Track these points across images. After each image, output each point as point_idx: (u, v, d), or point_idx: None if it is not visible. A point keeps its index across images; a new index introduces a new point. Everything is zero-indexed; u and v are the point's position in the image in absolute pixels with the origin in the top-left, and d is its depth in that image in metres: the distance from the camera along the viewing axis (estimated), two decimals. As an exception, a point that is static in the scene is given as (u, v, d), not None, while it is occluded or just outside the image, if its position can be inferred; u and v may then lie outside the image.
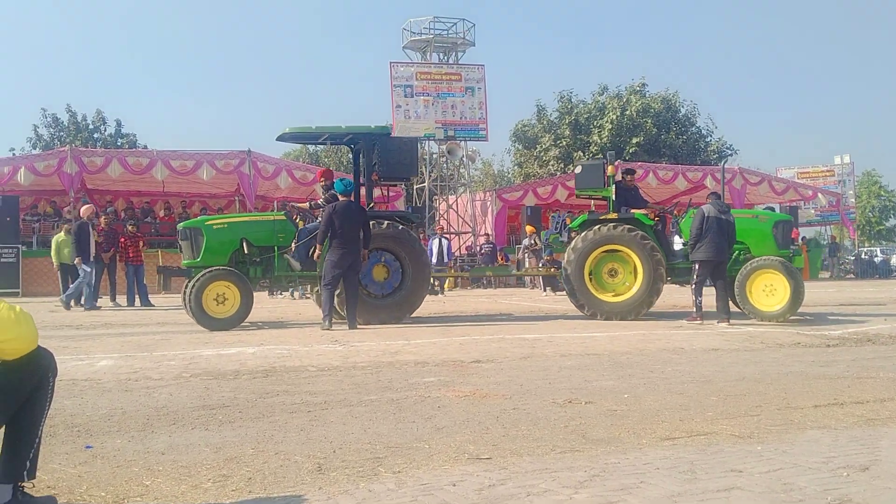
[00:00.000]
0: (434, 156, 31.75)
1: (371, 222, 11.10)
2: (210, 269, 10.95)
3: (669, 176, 30.69)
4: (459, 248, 30.67)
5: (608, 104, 41.51)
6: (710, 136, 43.73)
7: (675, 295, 15.99)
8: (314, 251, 10.95)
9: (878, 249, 43.19)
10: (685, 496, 3.24)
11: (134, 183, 26.40)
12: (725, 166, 36.18)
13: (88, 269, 15.71)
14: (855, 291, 21.07)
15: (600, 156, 32.53)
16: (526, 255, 23.66)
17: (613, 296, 11.97)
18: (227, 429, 4.62)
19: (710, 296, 11.23)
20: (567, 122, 41.61)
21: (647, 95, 42.21)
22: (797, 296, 11.04)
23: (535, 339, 9.27)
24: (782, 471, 3.61)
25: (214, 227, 11.53)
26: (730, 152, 43.76)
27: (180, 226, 11.98)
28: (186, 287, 11.06)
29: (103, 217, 18.86)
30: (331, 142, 12.98)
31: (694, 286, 11.20)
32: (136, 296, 17.25)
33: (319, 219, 11.06)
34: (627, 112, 40.23)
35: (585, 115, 41.68)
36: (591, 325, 11.00)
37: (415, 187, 32.45)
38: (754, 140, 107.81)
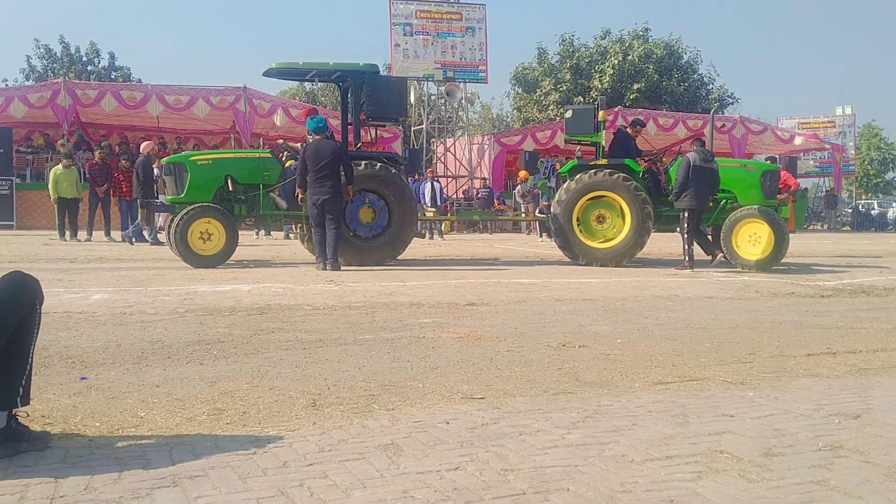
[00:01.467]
0: (432, 97, 31.37)
1: (352, 161, 11.00)
2: (194, 205, 10.87)
3: (670, 123, 30.44)
4: (456, 191, 30.53)
5: (610, 49, 40.90)
6: (712, 83, 43.28)
7: (671, 243, 16.00)
8: (298, 195, 10.89)
9: (874, 202, 43.16)
10: (677, 439, 3.26)
11: (128, 117, 26.09)
12: (726, 115, 36.02)
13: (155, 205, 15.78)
14: (851, 243, 21.12)
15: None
16: (522, 200, 23.61)
17: (602, 242, 11.97)
18: (221, 364, 4.63)
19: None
20: (568, 66, 41.05)
21: (649, 41, 41.57)
22: (781, 245, 11.17)
23: (530, 283, 9.28)
24: (774, 416, 3.63)
25: (199, 162, 11.39)
26: (731, 101, 43.37)
27: (164, 161, 11.88)
28: (171, 223, 10.99)
29: (97, 151, 18.70)
30: (318, 79, 12.69)
31: (687, 235, 11.16)
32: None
33: None
34: (629, 57, 39.66)
35: (587, 60, 41.10)
36: (587, 271, 11.01)
37: (412, 129, 32.15)
38: (756, 89, 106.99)
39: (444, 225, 22.65)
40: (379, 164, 11.39)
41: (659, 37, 42.26)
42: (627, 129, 12.85)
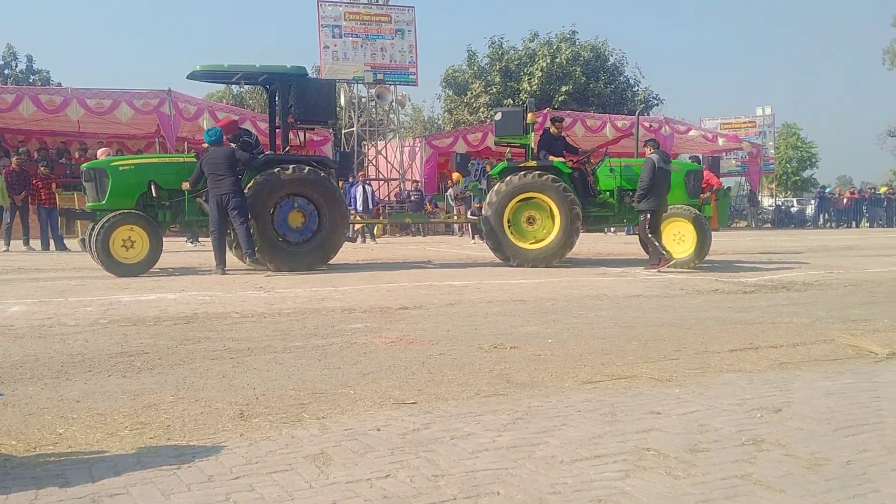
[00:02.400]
0: (363, 100, 31.23)
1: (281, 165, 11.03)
2: (115, 212, 10.55)
3: (598, 125, 30.93)
4: (388, 194, 30.44)
5: (539, 51, 41.36)
6: (638, 85, 44.14)
7: (599, 243, 16.26)
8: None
9: (794, 200, 44.62)
10: (605, 437, 3.30)
11: (48, 122, 25.24)
12: (652, 115, 36.81)
13: None
14: (772, 241, 21.81)
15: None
16: (455, 202, 23.67)
17: (533, 243, 12.11)
18: (145, 376, 4.50)
19: (631, 244, 11.44)
20: (497, 68, 41.37)
21: (576, 43, 42.20)
22: (704, 244, 11.51)
23: (462, 285, 9.30)
24: (699, 412, 3.71)
25: (121, 168, 11.03)
26: (656, 102, 44.33)
27: (84, 166, 11.47)
28: (91, 231, 10.66)
29: (14, 157, 18.04)
30: (245, 81, 12.44)
31: (649, 236, 11.07)
32: (51, 239, 16.64)
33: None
34: (557, 60, 40.18)
35: (516, 62, 41.49)
36: (517, 273, 11.09)
37: (343, 132, 31.93)
38: (679, 91, 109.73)
39: (376, 228, 22.55)
40: (307, 168, 11.25)
41: (586, 39, 42.96)
42: (551, 129, 13.00)
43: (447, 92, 45.68)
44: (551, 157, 12.31)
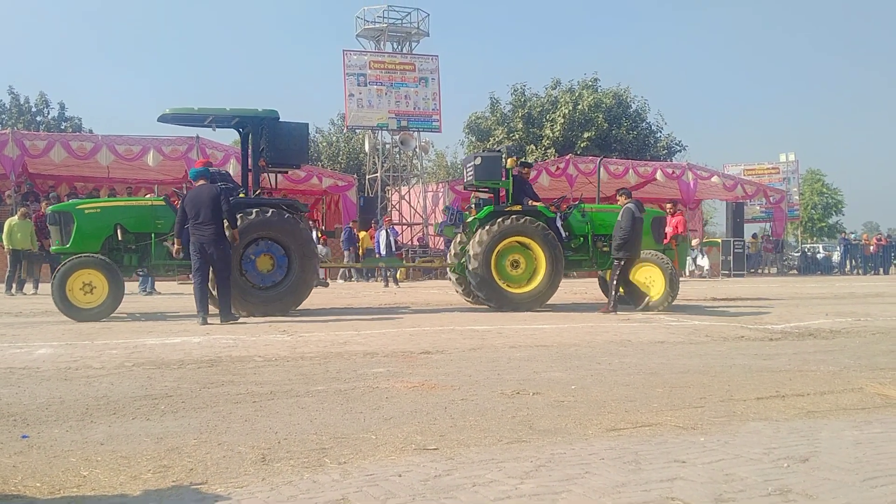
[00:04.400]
0: (387, 146, 31.58)
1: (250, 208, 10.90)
2: (73, 256, 10.46)
3: (620, 170, 31.00)
4: (411, 239, 30.58)
5: (561, 98, 41.70)
6: (660, 131, 44.26)
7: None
8: (175, 248, 10.38)
9: (820, 246, 44.22)
10: (629, 486, 3.26)
11: (78, 168, 25.79)
12: (674, 162, 36.82)
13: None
14: (798, 287, 21.58)
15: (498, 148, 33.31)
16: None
17: (517, 287, 12.23)
18: (169, 419, 4.52)
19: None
20: (520, 115, 41.72)
21: (598, 90, 42.51)
22: (673, 287, 11.94)
23: (484, 330, 9.29)
24: (724, 461, 3.66)
25: (86, 211, 10.95)
26: (679, 148, 44.36)
27: (49, 209, 11.38)
28: (53, 275, 10.57)
29: (45, 202, 18.38)
30: (216, 125, 12.23)
31: (616, 280, 11.64)
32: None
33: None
34: (579, 106, 40.47)
35: (538, 109, 41.84)
36: (540, 318, 11.06)
37: (367, 178, 32.27)
38: (702, 137, 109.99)
39: (399, 272, 22.60)
40: (274, 211, 11.08)
41: (608, 87, 43.26)
42: (522, 173, 13.14)
43: (470, 138, 46.07)
44: (531, 202, 12.56)
